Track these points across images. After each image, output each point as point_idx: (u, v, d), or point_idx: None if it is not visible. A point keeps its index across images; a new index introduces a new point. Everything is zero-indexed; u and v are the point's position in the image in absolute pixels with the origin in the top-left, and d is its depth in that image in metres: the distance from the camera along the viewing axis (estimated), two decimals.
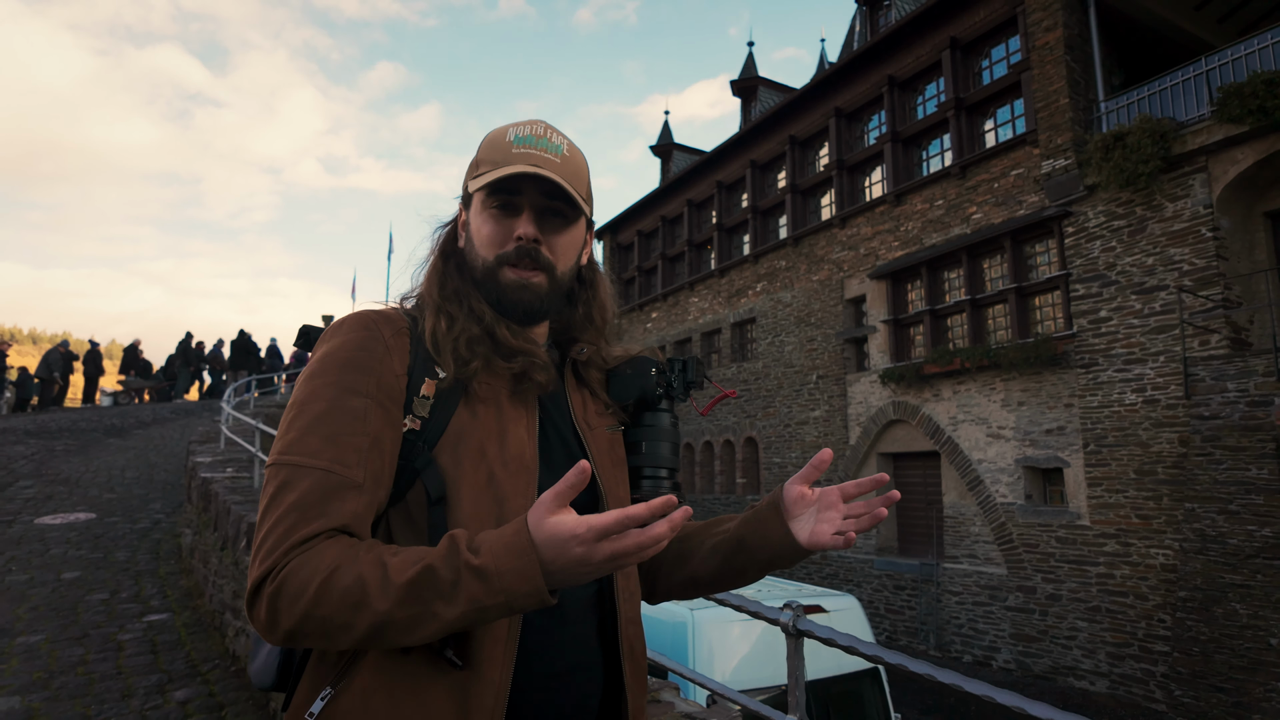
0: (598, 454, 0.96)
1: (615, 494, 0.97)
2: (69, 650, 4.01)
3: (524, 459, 0.89)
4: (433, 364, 0.90)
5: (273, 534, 0.75)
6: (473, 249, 0.97)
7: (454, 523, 0.83)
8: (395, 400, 0.86)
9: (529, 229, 0.93)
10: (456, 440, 0.87)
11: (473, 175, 0.96)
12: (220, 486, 4.97)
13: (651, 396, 1.02)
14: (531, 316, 0.96)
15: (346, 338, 0.88)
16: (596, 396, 1.03)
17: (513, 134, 0.95)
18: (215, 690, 3.58)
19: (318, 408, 0.82)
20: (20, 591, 4.95)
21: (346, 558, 0.73)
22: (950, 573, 12.41)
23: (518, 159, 0.92)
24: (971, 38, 13.00)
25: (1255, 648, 7.86)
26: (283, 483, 0.78)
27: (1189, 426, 9.04)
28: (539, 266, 0.94)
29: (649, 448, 1.01)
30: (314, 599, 0.71)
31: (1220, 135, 9.38)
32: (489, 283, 0.95)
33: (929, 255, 13.10)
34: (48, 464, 9.76)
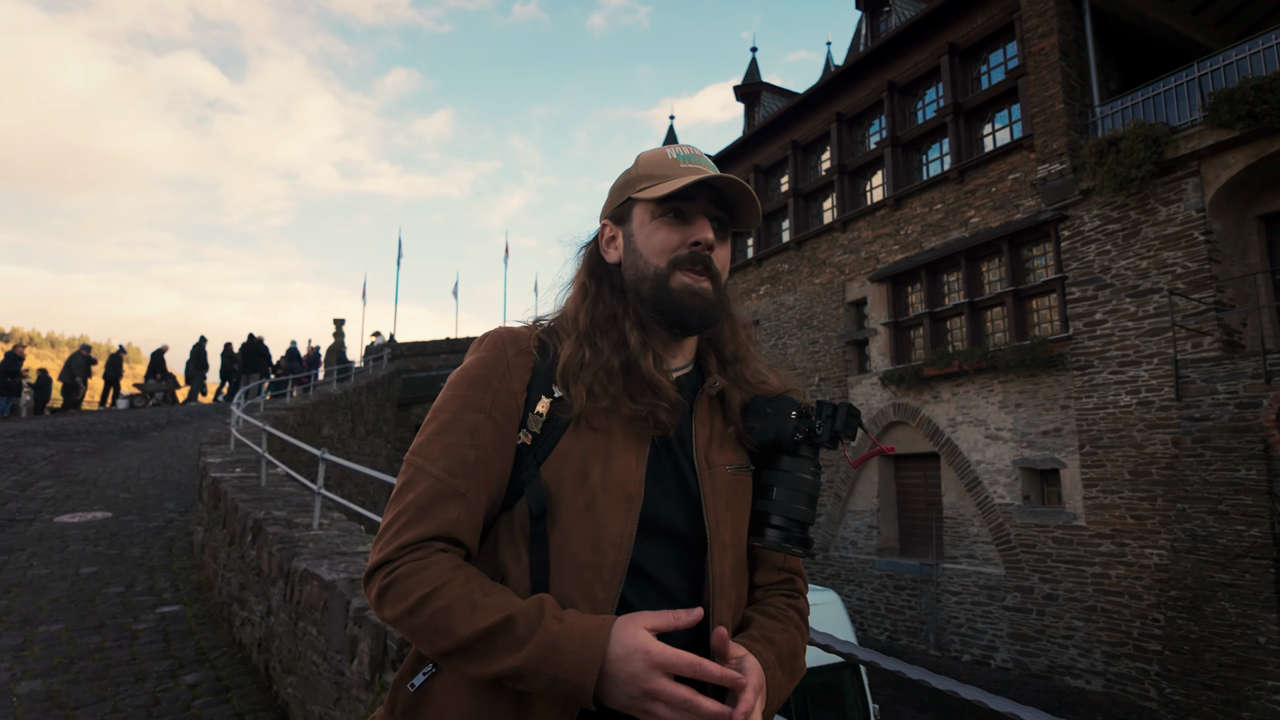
0: (711, 493, 0.94)
1: (723, 539, 0.93)
2: (87, 638, 4.28)
3: (627, 487, 0.89)
4: (551, 383, 0.93)
5: (391, 527, 0.86)
6: (639, 258, 0.98)
7: (553, 540, 0.87)
8: (510, 416, 0.92)
9: (707, 234, 0.96)
10: (563, 460, 0.89)
11: (637, 189, 0.99)
12: (229, 486, 5.22)
13: (787, 442, 0.97)
14: (705, 322, 0.97)
15: (477, 355, 0.95)
16: (729, 424, 1.00)
17: (672, 153, 1.00)
18: (222, 675, 3.83)
19: (444, 417, 0.91)
20: (41, 585, 5.22)
21: (448, 581, 0.81)
22: (950, 573, 12.54)
23: (688, 172, 0.96)
24: (970, 43, 13.14)
25: (1244, 646, 7.97)
26: (407, 480, 0.88)
27: (1180, 428, 9.15)
28: (709, 274, 0.97)
29: (781, 494, 0.95)
30: (410, 609, 0.80)
31: (1211, 140, 9.49)
32: (659, 291, 0.96)
33: (928, 258, 13.24)
34: (66, 465, 10.09)
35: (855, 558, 14.34)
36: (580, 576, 0.85)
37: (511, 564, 0.87)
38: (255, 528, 4.09)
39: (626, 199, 1.00)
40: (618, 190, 1.03)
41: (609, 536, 0.86)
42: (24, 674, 3.74)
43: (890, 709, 9.99)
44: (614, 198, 1.04)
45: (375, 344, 23.51)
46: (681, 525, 0.92)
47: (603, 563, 0.86)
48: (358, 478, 13.76)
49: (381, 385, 19.48)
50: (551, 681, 0.75)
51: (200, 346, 18.71)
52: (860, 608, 14.07)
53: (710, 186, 0.96)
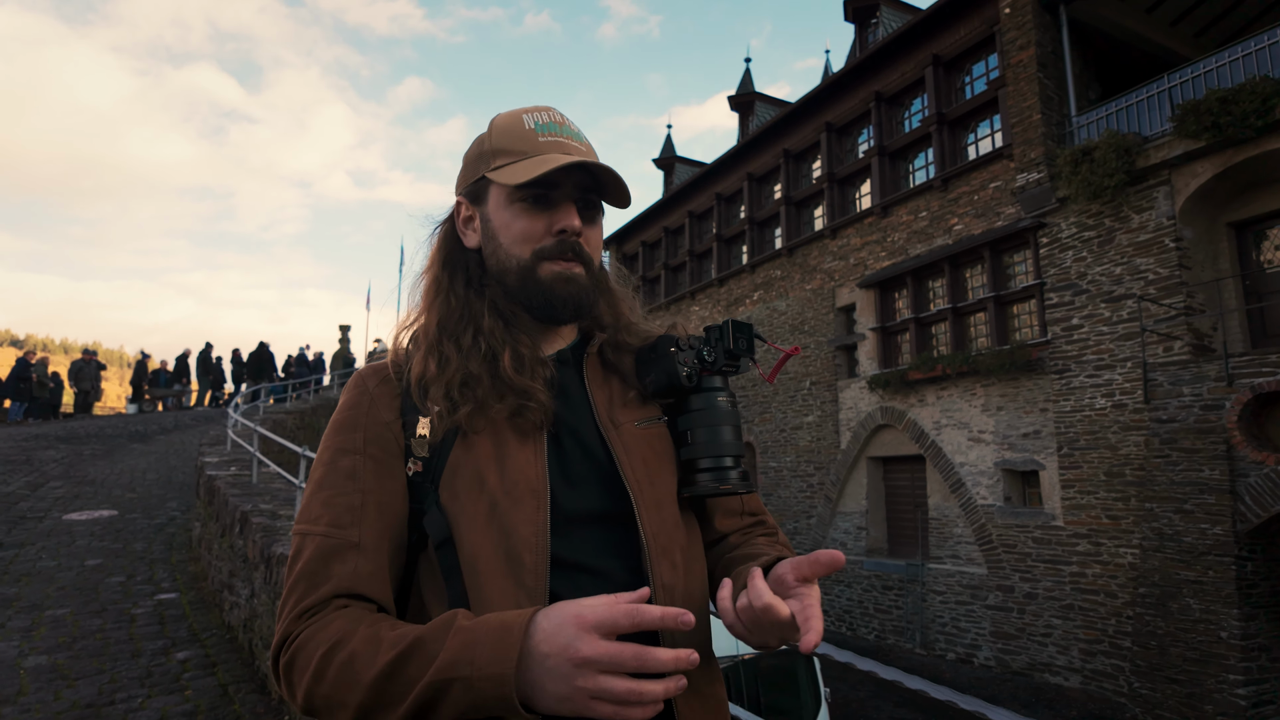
0: (623, 453, 0.87)
1: (651, 496, 0.86)
2: (89, 621, 4.65)
3: (530, 482, 0.82)
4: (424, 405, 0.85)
5: (286, 604, 0.76)
6: (499, 248, 0.90)
7: (462, 560, 0.79)
8: (388, 449, 0.84)
9: (574, 221, 0.88)
10: (454, 475, 0.82)
11: (491, 166, 0.89)
12: (223, 482, 5.60)
13: (679, 380, 0.90)
14: (580, 310, 0.91)
15: (342, 400, 0.88)
16: (627, 386, 0.94)
17: (529, 120, 0.90)
18: (211, 652, 4.19)
19: (318, 474, 0.83)
20: (49, 575, 5.60)
21: (346, 633, 0.71)
22: (935, 573, 12.79)
23: (549, 148, 0.88)
24: (953, 55, 13.45)
25: (1207, 641, 8.22)
26: (295, 552, 0.80)
27: (1149, 430, 9.41)
28: (580, 259, 0.90)
29: (700, 435, 0.89)
30: (315, 674, 0.70)
31: (1180, 150, 9.77)
32: (526, 283, 0.89)
33: (914, 265, 13.54)
34: (76, 467, 10.50)
35: (847, 558, 14.58)
36: (501, 590, 0.76)
37: (432, 602, 0.80)
38: (242, 519, 4.45)
39: (481, 176, 0.90)
40: (471, 162, 0.93)
41: (521, 540, 0.78)
42: (31, 650, 4.11)
43: (869, 704, 10.26)
44: (468, 171, 0.93)
45: (377, 350, 23.92)
46: (602, 502, 0.84)
47: (521, 570, 0.77)
48: None
49: None
50: (467, 687, 0.64)
51: (206, 353, 19.18)
52: (849, 608, 14.33)
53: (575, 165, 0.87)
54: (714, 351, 0.92)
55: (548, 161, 0.84)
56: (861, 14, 16.77)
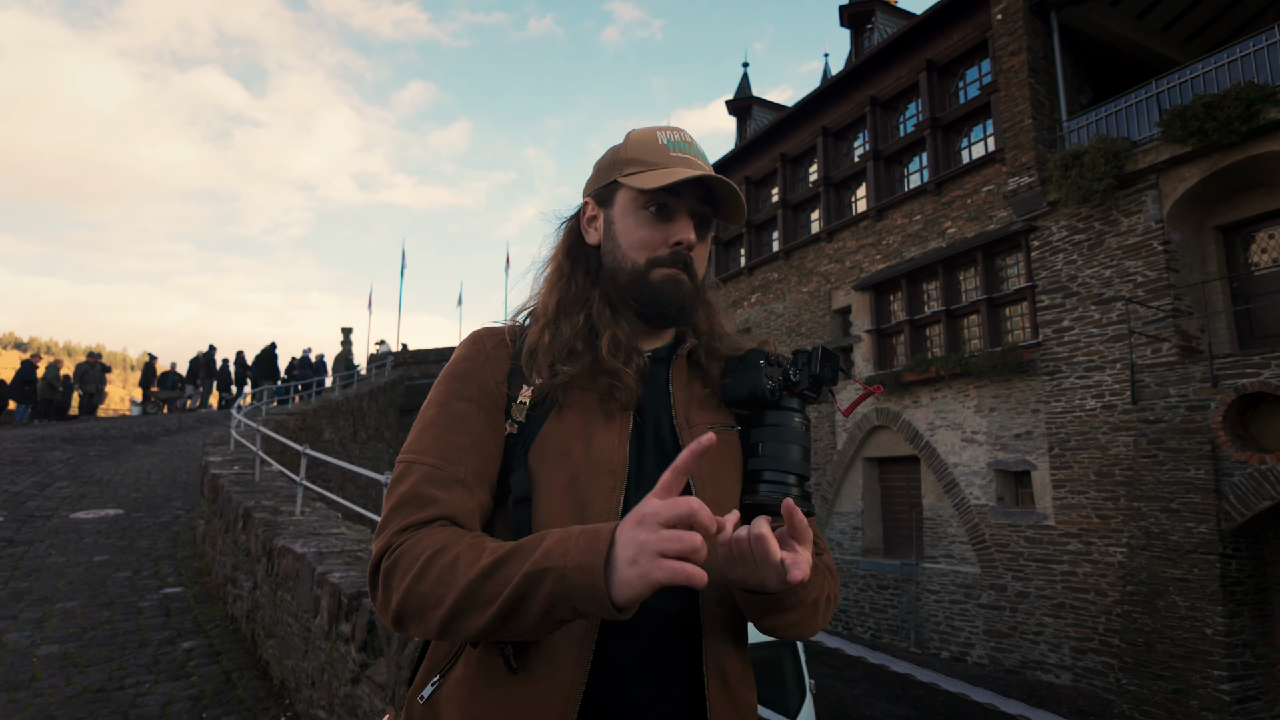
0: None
1: (711, 495, 0.92)
2: (98, 613, 4.82)
3: (611, 463, 0.88)
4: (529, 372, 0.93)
5: (390, 521, 0.83)
6: (617, 249, 0.97)
7: (535, 521, 0.85)
8: (496, 405, 0.92)
9: (689, 234, 0.95)
10: (545, 442, 0.89)
11: (624, 172, 0.96)
12: (226, 480, 5.77)
13: (763, 394, 0.94)
14: (682, 312, 0.97)
15: (457, 353, 0.97)
16: (709, 391, 0.99)
17: (663, 138, 0.97)
18: (215, 642, 4.37)
19: (430, 413, 0.91)
20: (59, 570, 5.78)
21: (452, 541, 0.78)
22: (929, 572, 12.93)
23: (678, 163, 0.95)
24: (946, 60, 13.62)
25: (1192, 637, 8.35)
26: (398, 477, 0.87)
27: (1137, 430, 9.55)
28: (687, 269, 0.96)
29: (769, 449, 0.92)
30: (417, 575, 0.76)
31: (1167, 155, 9.92)
32: (637, 284, 0.96)
33: (908, 268, 13.70)
34: (82, 467, 10.69)
35: (841, 558, 14.74)
36: None
37: None
38: (245, 515, 4.62)
39: (612, 180, 0.98)
40: (604, 169, 1.01)
41: (594, 513, 0.85)
42: (43, 640, 4.29)
43: (864, 700, 10.40)
44: (599, 176, 1.01)
45: (378, 352, 24.13)
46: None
47: None
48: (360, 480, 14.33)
49: (384, 391, 20.10)
50: (559, 576, 0.69)
51: (209, 355, 19.39)
52: (845, 607, 14.47)
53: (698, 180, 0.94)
54: (800, 373, 0.95)
55: (675, 173, 0.92)
56: (857, 20, 16.95)
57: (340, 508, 4.80)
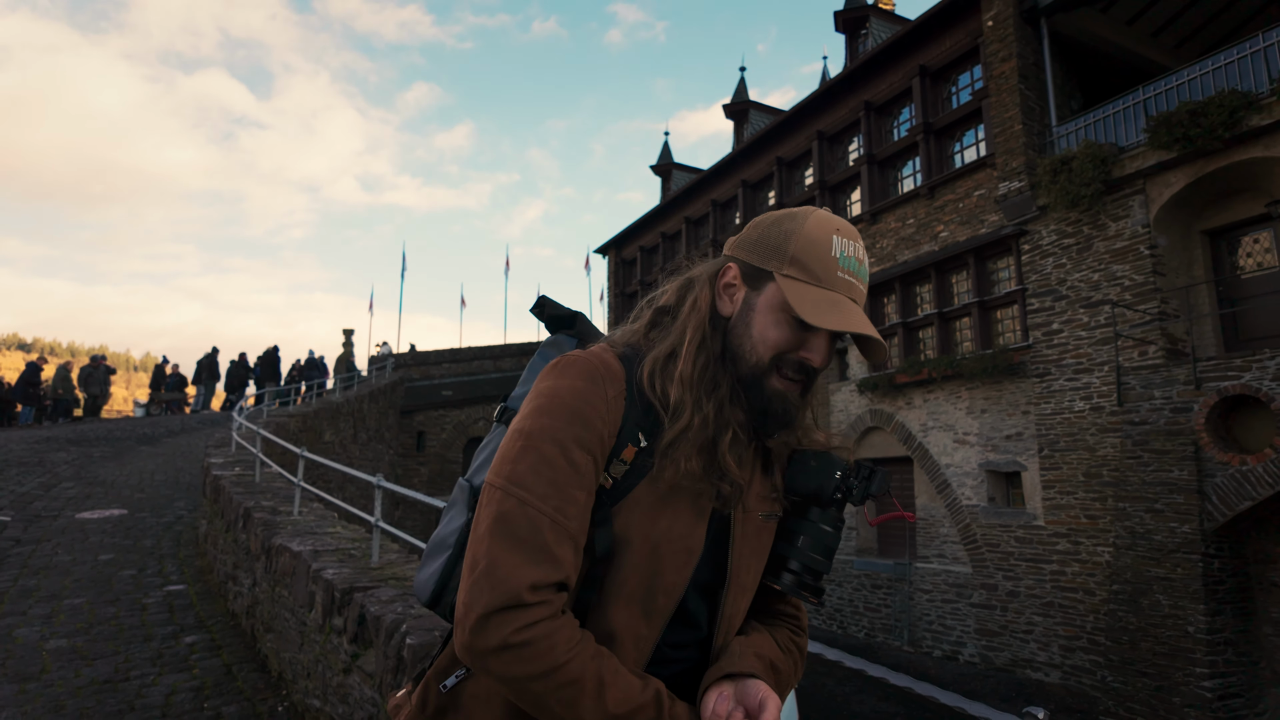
0: (740, 538, 0.95)
1: (740, 580, 0.95)
2: (104, 609, 5.01)
3: (689, 540, 0.90)
4: (638, 430, 0.90)
5: (504, 563, 0.77)
6: (748, 337, 0.93)
7: (610, 581, 0.86)
8: (602, 456, 0.88)
9: (823, 357, 0.94)
10: (635, 506, 0.88)
11: (783, 270, 0.92)
12: (227, 482, 5.96)
13: (827, 497, 0.98)
14: (782, 427, 0.96)
15: (573, 384, 0.88)
16: (769, 476, 0.99)
17: (839, 248, 0.93)
18: (216, 637, 4.55)
19: (548, 450, 0.84)
20: (65, 568, 5.97)
21: (578, 653, 0.77)
22: (922, 572, 13.09)
23: (842, 285, 0.92)
24: (939, 66, 13.78)
25: (1175, 635, 8.51)
26: (510, 511, 0.81)
27: (1122, 432, 9.71)
28: (805, 384, 0.96)
29: (805, 543, 0.97)
30: (540, 676, 0.76)
31: (1154, 160, 10.08)
32: (753, 382, 0.93)
33: (901, 271, 13.86)
34: (86, 468, 10.88)
35: (836, 558, 14.89)
36: (630, 614, 0.87)
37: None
38: (245, 515, 4.80)
39: (769, 269, 0.94)
40: (765, 247, 0.95)
41: (665, 585, 0.88)
42: (52, 634, 4.48)
43: (855, 699, 10.57)
44: (757, 251, 0.96)
45: (379, 354, 24.34)
46: (707, 572, 0.93)
47: (653, 606, 0.87)
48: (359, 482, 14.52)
49: (384, 393, 20.29)
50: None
51: (212, 357, 19.60)
52: (840, 606, 14.63)
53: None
54: (859, 488, 0.98)
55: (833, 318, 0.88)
56: (852, 25, 17.11)
57: (336, 508, 4.98)
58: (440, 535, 0.98)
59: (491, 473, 0.85)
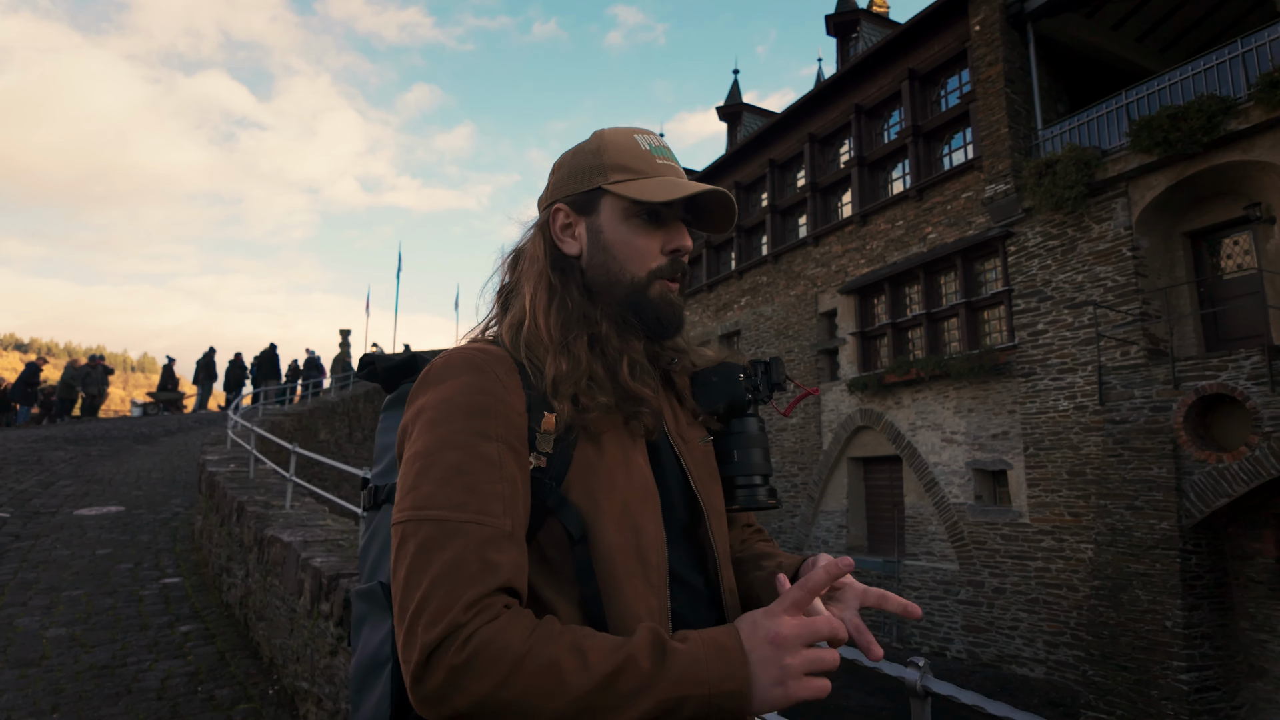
0: (694, 467, 0.92)
1: (714, 508, 0.92)
2: (102, 600, 5.16)
3: (648, 485, 0.86)
4: (545, 399, 0.85)
5: (435, 595, 0.69)
6: (611, 261, 0.92)
7: (597, 557, 0.79)
8: (522, 440, 0.82)
9: (686, 241, 0.93)
10: (586, 473, 0.83)
11: (610, 179, 0.91)
12: (222, 478, 6.11)
13: (740, 403, 0.97)
14: (678, 328, 0.95)
15: (461, 381, 0.82)
16: (684, 404, 0.98)
17: (644, 142, 0.94)
18: (210, 626, 4.71)
19: (451, 457, 0.77)
20: (64, 562, 6.12)
21: (539, 637, 0.68)
22: (910, 569, 13.26)
23: (665, 170, 0.93)
24: (928, 70, 13.96)
25: (1153, 630, 8.67)
26: (427, 539, 0.72)
27: (1104, 430, 9.88)
28: (680, 280, 0.95)
29: (741, 455, 0.97)
30: (505, 678, 0.66)
31: (1135, 163, 10.26)
32: (636, 299, 0.91)
33: (891, 272, 14.04)
34: (84, 466, 11.02)
35: None
36: (633, 590, 0.80)
37: (557, 601, 0.79)
38: (239, 509, 4.96)
39: (595, 188, 0.92)
40: (580, 173, 0.94)
41: (648, 539, 0.82)
42: (51, 624, 4.63)
43: (841, 694, 10.73)
44: (576, 181, 0.94)
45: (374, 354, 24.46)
46: (683, 514, 0.90)
47: (649, 569, 0.81)
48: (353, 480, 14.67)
49: (379, 393, 20.44)
50: (704, 701, 0.67)
51: (209, 357, 19.73)
52: None
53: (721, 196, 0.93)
54: (763, 383, 0.99)
55: (679, 184, 0.89)
56: (843, 29, 17.29)
57: (327, 502, 5.14)
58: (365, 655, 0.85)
59: (395, 513, 0.76)
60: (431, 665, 0.66)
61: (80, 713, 3.47)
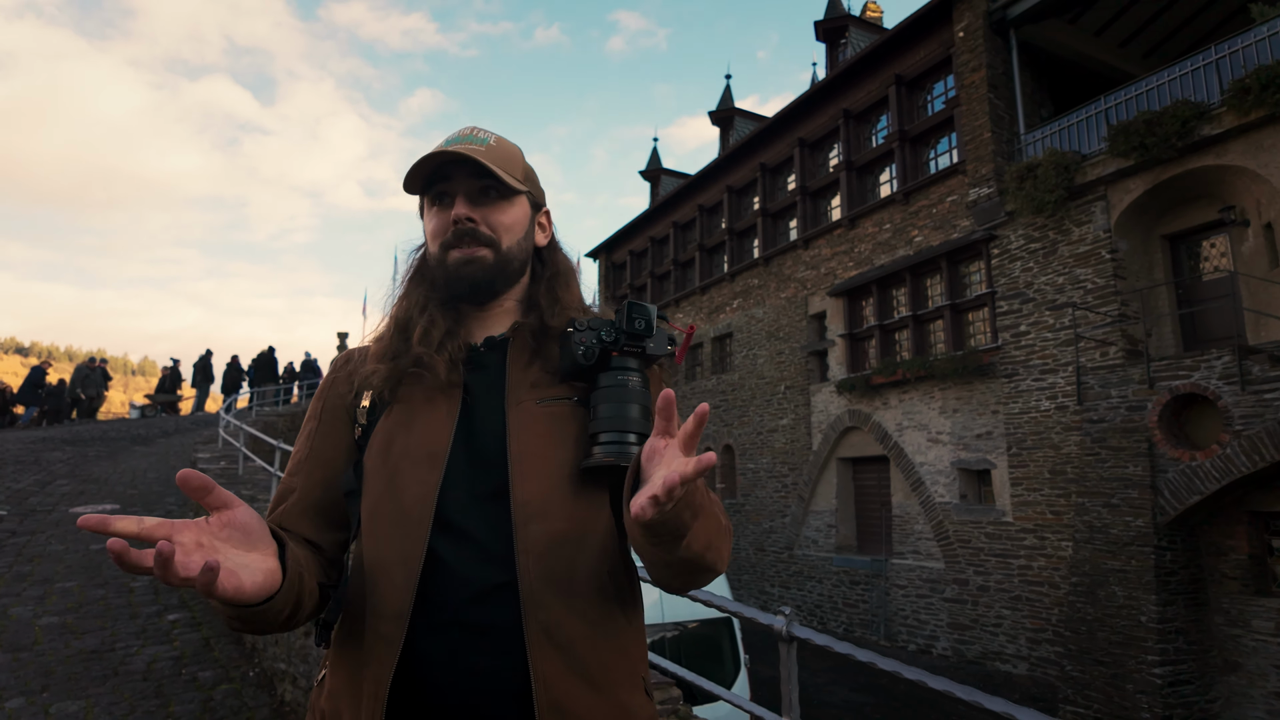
0: (515, 425, 0.94)
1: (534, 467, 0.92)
2: (93, 591, 5.35)
3: (431, 445, 0.93)
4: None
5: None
6: (426, 248, 1.05)
7: (364, 511, 0.93)
8: (339, 416, 1.02)
9: (461, 209, 0.97)
10: (378, 438, 0.96)
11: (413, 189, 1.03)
12: (212, 474, 6.29)
13: (579, 361, 0.96)
14: (479, 291, 1.00)
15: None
16: (549, 368, 1.00)
17: (444, 139, 1.02)
18: (197, 615, 4.89)
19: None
20: (58, 556, 6.31)
21: None
22: (897, 568, 13.42)
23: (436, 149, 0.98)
24: (914, 75, 14.15)
25: (1129, 625, 8.84)
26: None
27: (1082, 430, 10.05)
28: (480, 243, 0.98)
29: (604, 411, 0.93)
30: None
31: (1113, 168, 10.44)
32: (439, 270, 1.00)
33: (878, 275, 14.22)
34: (81, 467, 11.20)
35: (815, 555, 15.24)
36: (389, 535, 0.89)
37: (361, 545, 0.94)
38: None
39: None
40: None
41: (411, 496, 0.90)
42: (44, 612, 4.81)
43: (827, 689, 10.88)
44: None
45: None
46: (494, 474, 0.92)
47: (408, 520, 0.89)
48: None
49: None
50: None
51: (205, 359, 19.92)
52: (820, 603, 14.96)
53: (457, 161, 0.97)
54: (613, 332, 0.96)
55: (427, 158, 0.97)
56: (832, 34, 17.50)
57: None
58: None
59: None
60: None
61: (69, 692, 3.65)
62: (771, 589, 16.31)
